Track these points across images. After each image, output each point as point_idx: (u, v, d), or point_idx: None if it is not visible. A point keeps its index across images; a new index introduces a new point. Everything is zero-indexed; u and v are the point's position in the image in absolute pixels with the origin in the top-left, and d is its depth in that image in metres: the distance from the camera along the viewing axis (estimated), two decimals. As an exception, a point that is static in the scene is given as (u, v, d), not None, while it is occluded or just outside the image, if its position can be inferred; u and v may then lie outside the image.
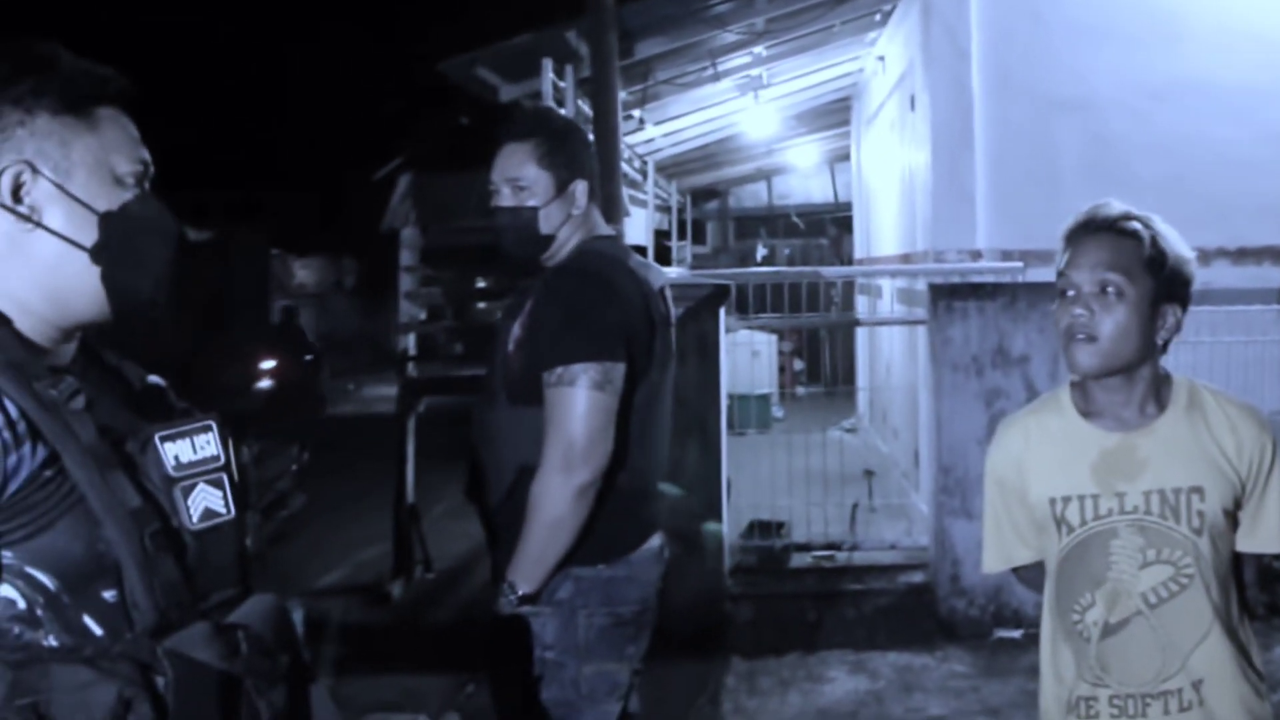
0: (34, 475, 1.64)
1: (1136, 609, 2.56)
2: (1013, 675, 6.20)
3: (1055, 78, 8.48)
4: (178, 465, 1.75)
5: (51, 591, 1.65)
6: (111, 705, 1.59)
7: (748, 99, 13.26)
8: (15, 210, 1.74)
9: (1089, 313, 2.52)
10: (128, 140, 1.82)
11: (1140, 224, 2.55)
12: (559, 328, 3.14)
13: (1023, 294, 7.02)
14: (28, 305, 1.76)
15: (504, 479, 3.21)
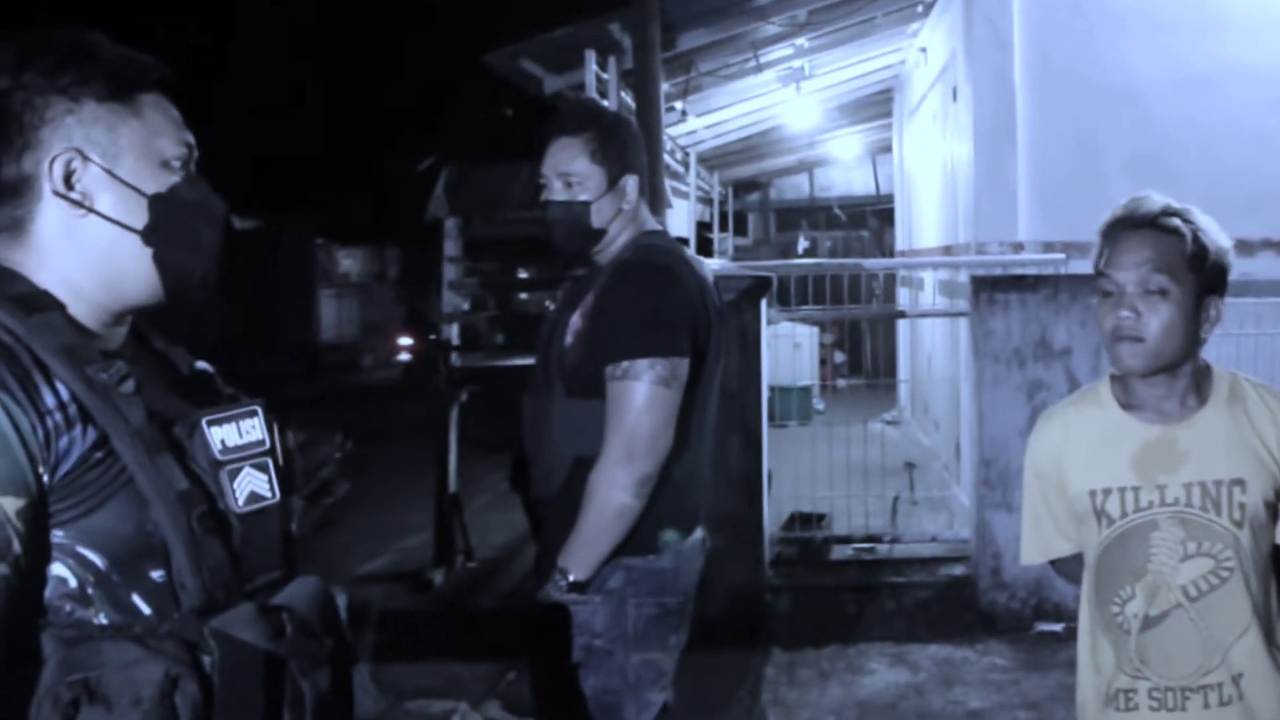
0: (85, 457, 1.67)
1: (1176, 602, 2.56)
2: (1053, 669, 6.18)
3: (1097, 68, 8.45)
4: (224, 449, 1.78)
5: (101, 570, 1.68)
6: (159, 682, 1.62)
7: (790, 90, 13.24)
8: (68, 197, 1.78)
9: (1135, 314, 2.50)
10: (172, 124, 1.86)
11: (1181, 219, 2.52)
12: (624, 321, 3.16)
13: (1065, 286, 6.99)
14: (81, 290, 1.80)
15: (559, 468, 3.23)
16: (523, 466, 3.36)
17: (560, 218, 3.28)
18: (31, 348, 1.69)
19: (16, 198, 1.78)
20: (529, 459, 3.32)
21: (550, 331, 3.32)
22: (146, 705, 1.61)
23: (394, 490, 10.78)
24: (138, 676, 1.62)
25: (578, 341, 3.22)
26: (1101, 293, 2.56)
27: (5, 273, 1.78)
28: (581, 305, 3.25)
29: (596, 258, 3.34)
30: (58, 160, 1.77)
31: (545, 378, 3.28)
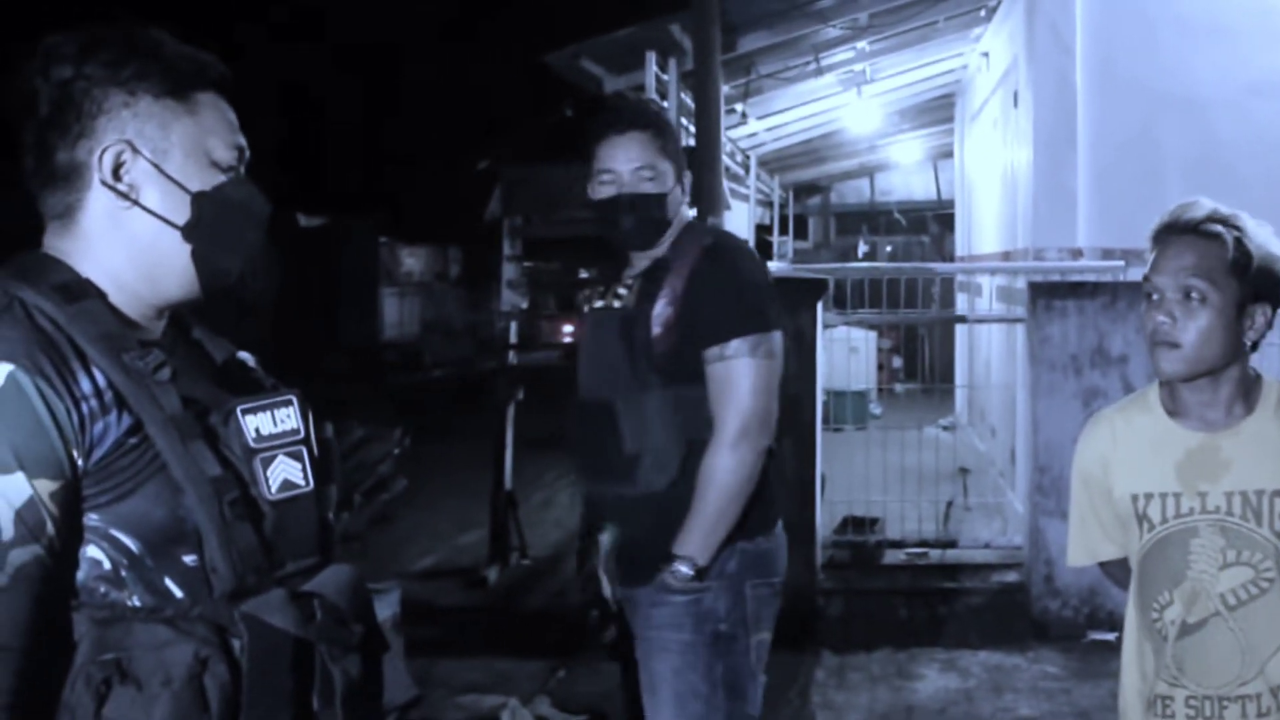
0: (119, 442, 1.71)
1: (1215, 610, 2.55)
2: (1105, 678, 6.14)
3: (1159, 74, 8.37)
4: (258, 437, 1.81)
5: (135, 554, 1.72)
6: (189, 664, 1.66)
7: (850, 94, 13.22)
8: (115, 188, 1.82)
9: (1172, 319, 2.50)
10: (225, 125, 1.90)
11: (1224, 225, 2.51)
12: (722, 303, 3.25)
13: (1122, 293, 6.95)
14: (122, 281, 1.84)
15: (671, 458, 3.28)
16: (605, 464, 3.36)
17: (639, 209, 3.33)
18: (71, 335, 1.73)
19: (68, 184, 1.83)
20: (628, 456, 3.31)
21: (624, 326, 3.33)
22: (176, 686, 1.65)
23: (450, 487, 10.87)
24: (168, 657, 1.67)
25: (667, 330, 3.26)
26: (1145, 296, 2.56)
27: (51, 261, 1.83)
28: (662, 295, 3.28)
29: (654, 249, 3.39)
30: (109, 150, 1.81)
31: (631, 372, 3.30)
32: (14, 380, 1.66)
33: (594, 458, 3.39)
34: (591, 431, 3.37)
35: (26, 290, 1.75)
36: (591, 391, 3.39)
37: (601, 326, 3.41)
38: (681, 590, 3.25)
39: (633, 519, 3.35)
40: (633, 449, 3.29)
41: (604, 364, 3.37)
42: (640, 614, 3.34)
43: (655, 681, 3.33)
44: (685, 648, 3.28)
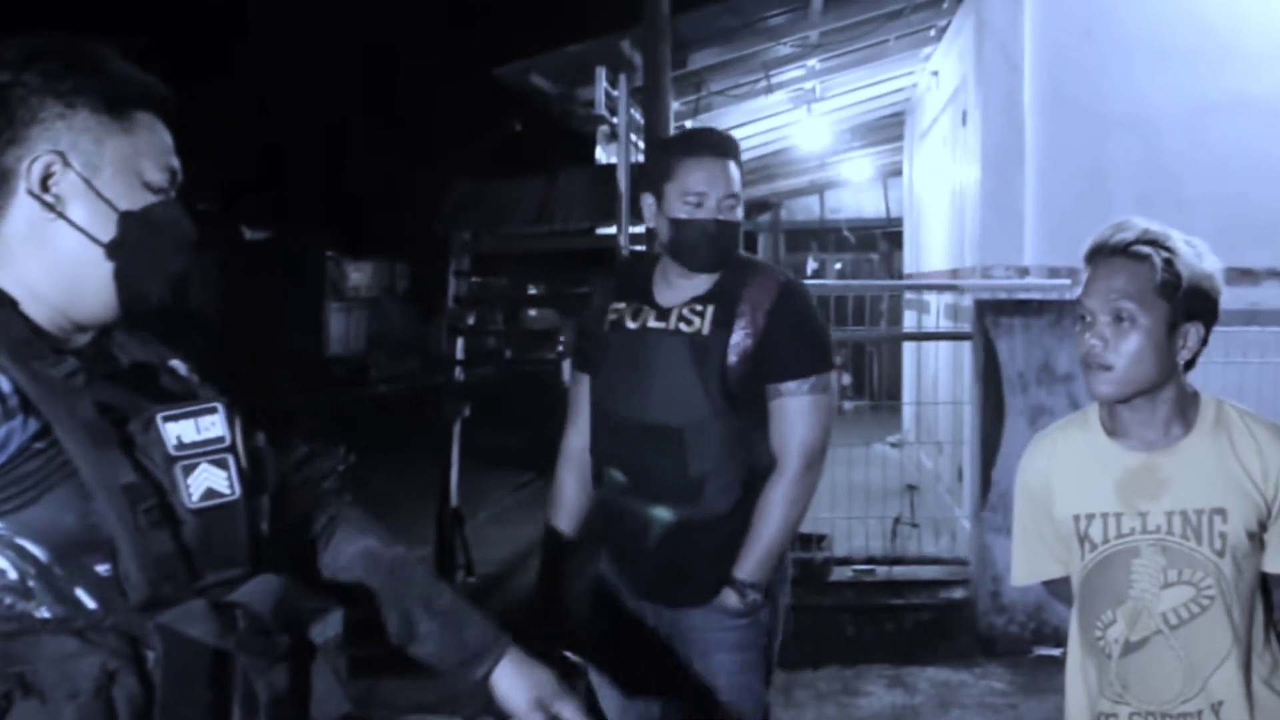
0: (24, 447, 1.67)
1: (1157, 628, 2.56)
2: (1051, 693, 6.14)
3: (1108, 94, 8.44)
4: (179, 444, 1.77)
5: (43, 563, 1.68)
6: (95, 676, 1.63)
7: (801, 112, 13.25)
8: (41, 198, 1.79)
9: (1104, 341, 2.53)
10: (160, 147, 1.88)
11: (1153, 246, 2.52)
12: (800, 341, 3.40)
13: (1068, 311, 6.98)
14: (38, 292, 1.81)
15: (735, 483, 3.36)
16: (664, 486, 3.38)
17: (725, 236, 3.38)
18: None
19: None
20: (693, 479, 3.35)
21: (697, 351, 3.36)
22: (83, 699, 1.62)
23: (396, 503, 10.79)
24: (74, 670, 1.63)
25: (743, 360, 3.34)
26: (1079, 318, 2.58)
27: None
28: (740, 326, 3.35)
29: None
30: (38, 160, 1.78)
31: (704, 396, 3.33)
32: None
33: (649, 479, 3.39)
34: (649, 453, 3.37)
35: None
36: (648, 413, 3.37)
37: (665, 349, 3.39)
38: (745, 613, 3.38)
39: (688, 542, 3.38)
40: (697, 472, 3.34)
41: (669, 386, 3.36)
42: (694, 636, 3.42)
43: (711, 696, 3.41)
44: (744, 665, 3.42)
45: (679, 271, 3.43)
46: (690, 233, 3.35)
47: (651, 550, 3.40)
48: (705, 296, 3.41)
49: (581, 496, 3.63)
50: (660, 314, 3.42)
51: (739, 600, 3.37)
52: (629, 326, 3.43)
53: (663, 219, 3.40)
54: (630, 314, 3.45)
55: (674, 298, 3.43)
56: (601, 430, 3.48)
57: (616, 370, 3.42)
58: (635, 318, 3.44)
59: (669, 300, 3.43)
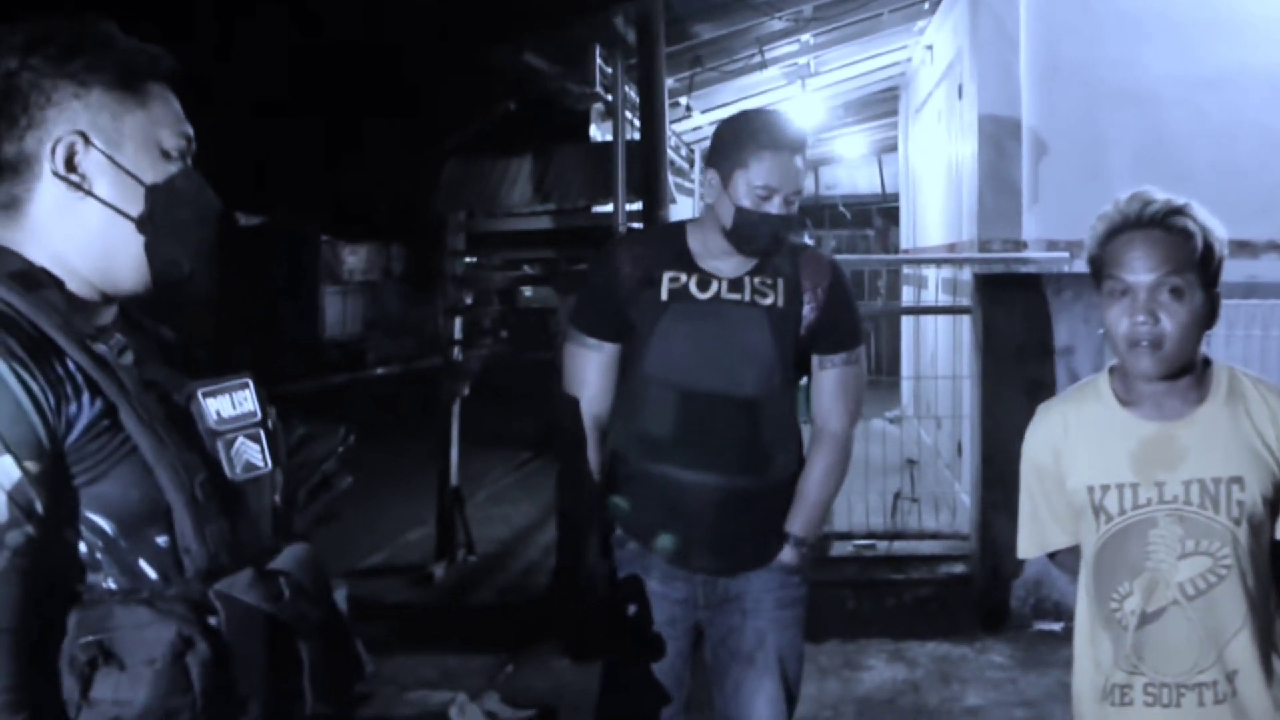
0: (91, 424, 1.73)
1: (1173, 599, 2.55)
2: (1051, 668, 6.18)
3: (1104, 66, 8.42)
4: (219, 419, 1.85)
5: (109, 535, 1.75)
6: (172, 642, 1.69)
7: (795, 87, 13.22)
8: (67, 179, 1.82)
9: (1152, 319, 2.48)
10: (174, 116, 1.92)
11: (1189, 219, 2.50)
12: (851, 317, 3.57)
13: (1068, 284, 6.98)
14: (74, 270, 1.85)
15: (796, 451, 3.54)
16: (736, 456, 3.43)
17: (783, 229, 3.43)
18: (35, 322, 1.75)
19: (16, 176, 1.83)
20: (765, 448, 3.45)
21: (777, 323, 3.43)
22: (160, 665, 1.67)
23: (396, 485, 10.79)
24: (150, 637, 1.69)
25: (809, 333, 3.48)
26: (1111, 294, 2.53)
27: (2, 250, 1.82)
28: (807, 300, 3.47)
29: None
30: (61, 142, 1.82)
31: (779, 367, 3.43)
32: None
33: (722, 450, 3.43)
34: (724, 423, 3.41)
35: None
36: (726, 383, 3.41)
37: (745, 321, 3.43)
38: (801, 568, 3.52)
39: (751, 511, 3.46)
40: (769, 442, 3.45)
41: (748, 357, 3.42)
42: (748, 599, 3.49)
43: (773, 654, 3.49)
44: (795, 620, 3.56)
45: (724, 247, 3.46)
46: (754, 224, 3.39)
47: (716, 522, 3.44)
48: (765, 270, 3.47)
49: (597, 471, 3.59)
50: (733, 285, 3.45)
51: (797, 556, 3.50)
52: (699, 296, 3.44)
53: (725, 201, 3.41)
54: (696, 284, 3.45)
55: (729, 269, 3.47)
56: (660, 401, 3.44)
57: (685, 340, 3.42)
58: (703, 288, 3.44)
59: (725, 271, 3.46)
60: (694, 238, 3.52)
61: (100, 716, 1.66)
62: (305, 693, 1.82)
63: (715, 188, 3.44)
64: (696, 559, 3.47)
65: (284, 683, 1.81)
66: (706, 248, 3.49)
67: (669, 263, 3.47)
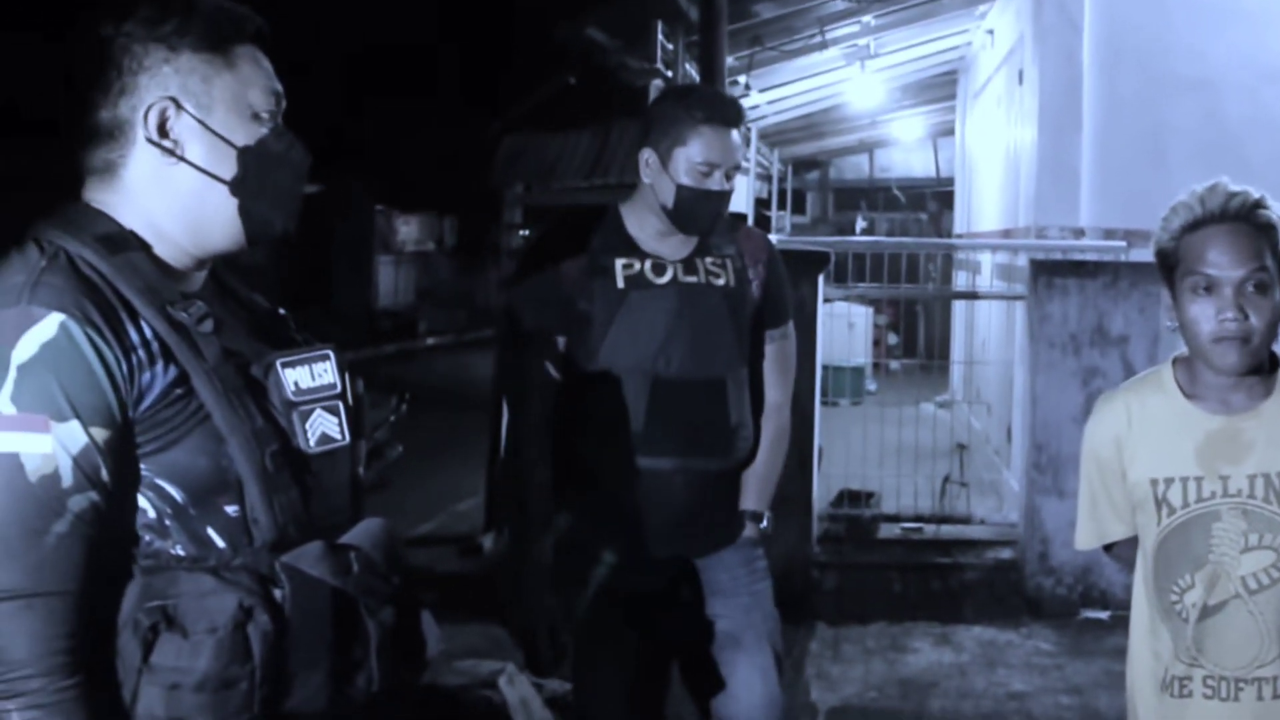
0: (165, 392, 1.74)
1: (1235, 592, 2.53)
2: (1097, 656, 6.18)
3: (1167, 55, 8.36)
4: (297, 390, 1.84)
5: (179, 503, 1.76)
6: (233, 612, 1.69)
7: (854, 69, 13.19)
8: (160, 145, 1.84)
9: (1241, 315, 2.44)
10: (263, 76, 1.92)
11: (1270, 212, 2.48)
12: (786, 291, 3.56)
13: (1125, 274, 6.95)
14: (167, 234, 1.86)
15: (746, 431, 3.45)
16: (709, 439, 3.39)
17: (721, 208, 3.39)
18: (116, 286, 1.76)
19: (111, 141, 1.85)
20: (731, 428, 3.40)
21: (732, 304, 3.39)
22: (221, 634, 1.68)
23: (446, 455, 10.86)
24: (213, 606, 1.69)
25: (756, 309, 3.47)
26: (1193, 289, 2.49)
27: (93, 213, 1.84)
28: (753, 277, 3.46)
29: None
30: (153, 108, 1.83)
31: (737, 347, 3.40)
32: (65, 329, 1.69)
33: (692, 434, 3.37)
34: (693, 407, 3.36)
35: (70, 241, 1.78)
36: (693, 367, 3.35)
37: (704, 302, 3.37)
38: (763, 540, 3.52)
39: (718, 490, 3.44)
40: (735, 422, 3.40)
41: (710, 339, 3.37)
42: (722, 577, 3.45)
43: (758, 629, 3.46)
44: (767, 591, 3.51)
45: (662, 228, 3.38)
46: (696, 202, 3.31)
47: (685, 505, 3.38)
48: (711, 249, 3.41)
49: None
50: (687, 267, 3.39)
51: (757, 530, 3.50)
52: (656, 282, 3.35)
53: (665, 180, 3.31)
54: (651, 269, 3.36)
55: (670, 250, 3.39)
56: (624, 391, 3.34)
57: (647, 327, 3.33)
58: (659, 272, 3.36)
59: (668, 253, 3.38)
60: (631, 221, 3.41)
61: (160, 682, 1.66)
62: (371, 668, 1.81)
63: (654, 168, 3.34)
64: (669, 543, 3.39)
65: (349, 656, 1.80)
66: (644, 230, 3.39)
67: (616, 249, 3.36)
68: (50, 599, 1.64)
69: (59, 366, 1.67)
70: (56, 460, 1.66)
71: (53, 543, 1.65)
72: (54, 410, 1.67)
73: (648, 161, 3.35)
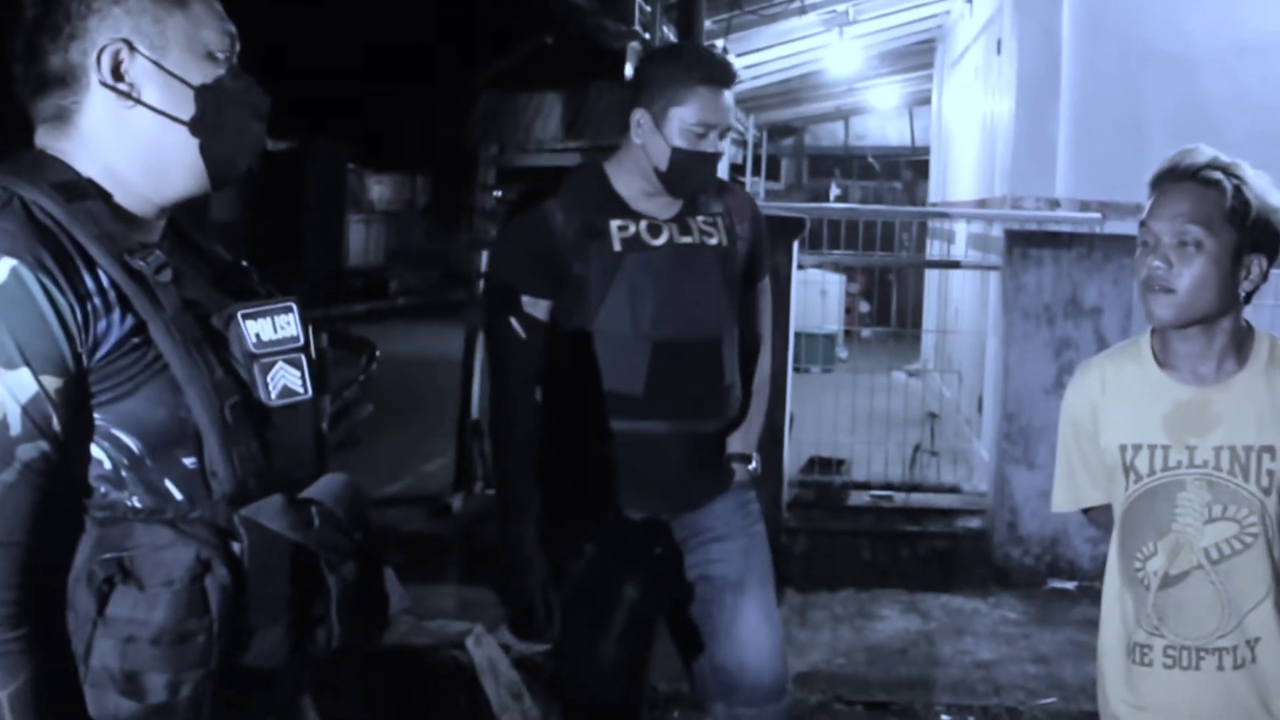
0: (121, 341, 1.71)
1: (1197, 563, 2.56)
2: (1064, 625, 6.22)
3: (1147, 28, 8.34)
4: (259, 342, 1.81)
5: (135, 454, 1.73)
6: (190, 565, 1.67)
7: (832, 35, 13.14)
8: (115, 88, 1.81)
9: (1167, 265, 2.49)
10: (215, 16, 1.89)
11: (1223, 173, 2.50)
12: (767, 240, 3.61)
13: (1099, 245, 6.97)
14: (126, 181, 1.83)
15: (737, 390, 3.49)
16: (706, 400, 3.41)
17: (715, 169, 3.41)
18: (72, 233, 1.72)
19: (64, 88, 1.82)
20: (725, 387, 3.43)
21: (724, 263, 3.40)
22: (178, 587, 1.66)
23: (416, 415, 10.84)
24: (169, 558, 1.67)
25: (745, 267, 3.50)
26: (1140, 244, 2.56)
27: (49, 160, 1.81)
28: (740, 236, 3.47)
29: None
30: (106, 51, 1.80)
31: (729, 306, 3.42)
32: (16, 275, 1.66)
33: (691, 395, 3.37)
34: (693, 369, 3.35)
35: (25, 188, 1.74)
36: (693, 329, 3.34)
37: (701, 263, 3.37)
38: (753, 481, 3.56)
39: (711, 447, 3.47)
40: (728, 382, 3.43)
41: (706, 300, 3.36)
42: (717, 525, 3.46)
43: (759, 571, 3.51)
44: (764, 534, 3.57)
45: (648, 189, 3.35)
46: (691, 164, 3.29)
47: (680, 465, 3.37)
48: (699, 209, 3.40)
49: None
50: (682, 228, 3.36)
51: (749, 472, 3.54)
52: (653, 243, 3.32)
53: (659, 141, 3.28)
54: (647, 230, 3.32)
55: (663, 210, 3.36)
56: (624, 355, 3.30)
57: (646, 289, 3.29)
58: (654, 234, 3.33)
59: (662, 213, 3.36)
60: (619, 181, 3.37)
61: (116, 634, 1.65)
62: (332, 624, 1.80)
63: (646, 128, 3.30)
64: (665, 501, 3.39)
65: (309, 612, 1.78)
66: (631, 190, 3.35)
67: (607, 209, 3.32)
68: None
69: (10, 313, 1.64)
70: (5, 408, 1.64)
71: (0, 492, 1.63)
72: (3, 357, 1.64)
73: (639, 122, 3.31)
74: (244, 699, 1.78)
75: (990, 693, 5.48)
